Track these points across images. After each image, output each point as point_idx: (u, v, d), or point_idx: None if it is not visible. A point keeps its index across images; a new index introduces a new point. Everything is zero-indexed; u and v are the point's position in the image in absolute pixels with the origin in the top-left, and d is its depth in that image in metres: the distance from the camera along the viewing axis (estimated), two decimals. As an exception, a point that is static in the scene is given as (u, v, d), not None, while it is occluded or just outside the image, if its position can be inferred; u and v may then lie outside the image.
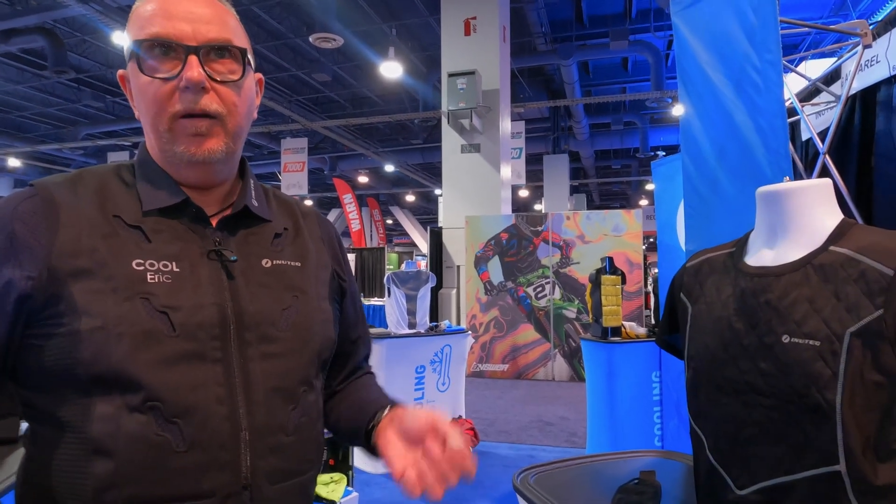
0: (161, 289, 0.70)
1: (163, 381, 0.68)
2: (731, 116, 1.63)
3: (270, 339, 0.76)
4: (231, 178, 0.83)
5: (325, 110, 14.10)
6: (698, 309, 1.06)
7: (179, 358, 0.69)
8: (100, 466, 0.66)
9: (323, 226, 0.94)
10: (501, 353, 7.68)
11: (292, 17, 9.40)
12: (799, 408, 0.85)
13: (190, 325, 0.70)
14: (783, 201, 0.97)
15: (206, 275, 0.74)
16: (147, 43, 0.73)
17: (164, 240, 0.73)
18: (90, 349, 0.66)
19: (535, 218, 7.80)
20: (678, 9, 1.81)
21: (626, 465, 1.46)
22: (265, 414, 0.73)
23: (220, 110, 0.75)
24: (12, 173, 18.71)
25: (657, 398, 3.64)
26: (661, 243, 3.41)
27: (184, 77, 0.72)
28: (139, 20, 0.75)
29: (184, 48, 0.73)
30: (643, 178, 17.24)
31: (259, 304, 0.76)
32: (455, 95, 8.03)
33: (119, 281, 0.69)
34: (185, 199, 0.76)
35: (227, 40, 0.75)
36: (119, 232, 0.71)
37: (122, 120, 13.66)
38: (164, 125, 0.74)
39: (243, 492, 0.70)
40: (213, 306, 0.73)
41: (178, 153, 0.75)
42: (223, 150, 0.76)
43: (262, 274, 0.79)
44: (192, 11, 0.74)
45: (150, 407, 0.67)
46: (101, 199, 0.73)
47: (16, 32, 8.84)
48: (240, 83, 0.77)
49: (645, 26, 9.94)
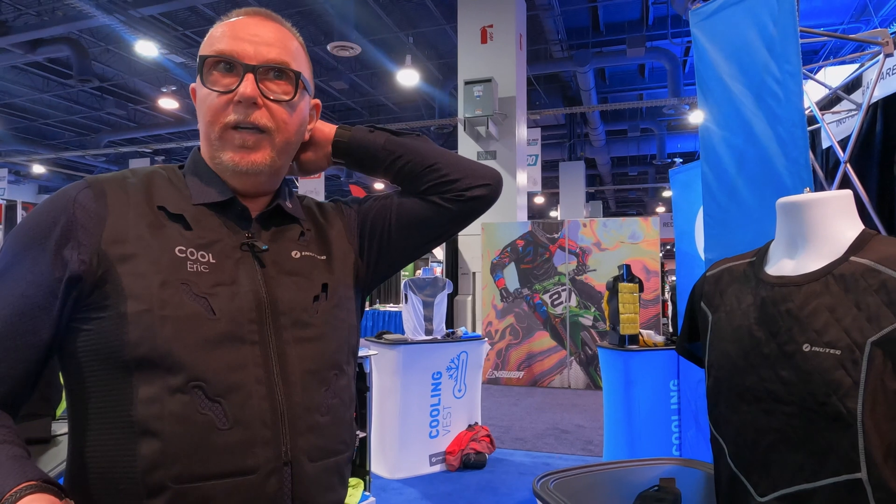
0: (200, 277, 0.74)
1: (205, 363, 0.71)
2: (750, 126, 1.64)
3: (303, 324, 0.80)
4: (273, 191, 0.88)
5: (343, 118, 14.23)
6: (719, 317, 1.07)
7: (220, 340, 0.73)
8: (146, 447, 0.69)
9: (336, 210, 0.97)
10: (517, 360, 7.67)
11: (311, 26, 9.53)
12: (820, 415, 0.86)
13: (229, 310, 0.74)
14: (804, 212, 0.98)
15: (241, 264, 0.78)
16: (212, 59, 0.79)
17: (202, 230, 0.78)
18: (136, 331, 0.70)
19: (552, 225, 7.80)
20: (697, 19, 1.83)
21: (646, 473, 1.47)
22: (301, 394, 0.77)
23: (269, 125, 0.80)
24: (37, 179, 19.13)
25: (675, 407, 3.62)
26: (678, 251, 3.40)
27: (238, 92, 0.77)
28: (211, 39, 0.81)
29: (243, 66, 0.78)
30: (660, 185, 17.14)
31: (291, 292, 0.81)
32: (471, 103, 8.07)
33: (163, 266, 0.73)
34: (232, 197, 0.81)
35: (284, 63, 0.81)
36: (163, 221, 0.76)
37: (143, 127, 13.91)
38: (215, 133, 0.79)
39: (284, 468, 0.73)
40: (249, 292, 0.77)
41: (224, 161, 0.80)
42: (268, 163, 0.81)
43: (291, 264, 0.83)
44: (258, 34, 0.80)
45: (194, 387, 0.70)
46: (147, 191, 0.78)
47: (42, 42, 9.07)
48: (292, 103, 0.82)
49: (662, 33, 9.92)
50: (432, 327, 4.48)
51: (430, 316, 4.47)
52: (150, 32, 8.61)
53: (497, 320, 7.78)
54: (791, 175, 1.50)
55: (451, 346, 4.36)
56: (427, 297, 4.45)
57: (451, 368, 4.33)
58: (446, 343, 4.36)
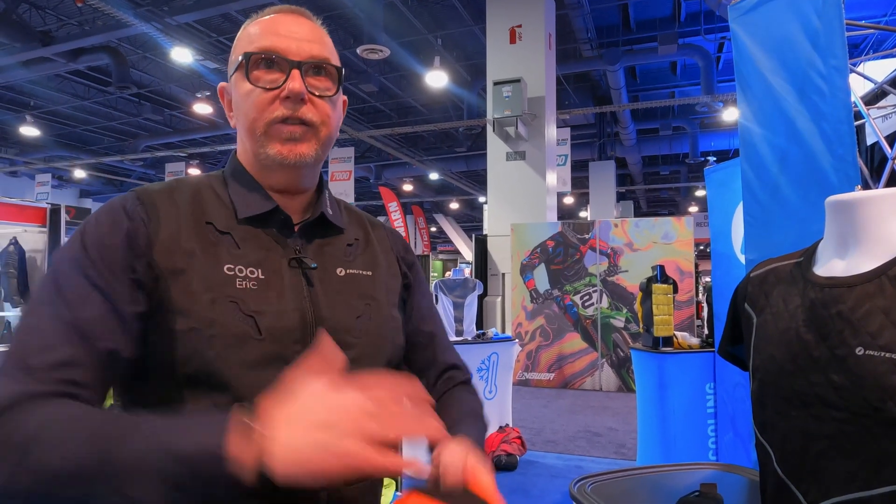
0: (248, 294, 0.74)
1: (250, 383, 0.71)
2: (793, 123, 1.59)
3: (347, 345, 0.78)
4: (314, 187, 0.87)
5: (371, 120, 14.35)
6: (764, 319, 1.04)
7: (265, 361, 0.72)
8: None
9: (392, 236, 0.97)
10: (547, 362, 7.61)
11: (340, 30, 9.63)
12: (875, 422, 0.82)
13: (275, 330, 0.74)
14: (855, 211, 0.94)
15: (289, 282, 0.78)
16: (256, 55, 0.79)
17: (251, 247, 0.78)
18: (185, 349, 0.70)
19: (582, 225, 7.72)
20: (737, 14, 1.78)
21: (686, 478, 1.44)
22: None
23: (315, 120, 0.80)
24: (78, 184, 19.77)
25: (711, 411, 3.54)
26: (714, 252, 3.33)
27: (287, 88, 0.78)
28: (248, 37, 0.82)
29: (288, 62, 0.79)
30: (693, 184, 16.81)
31: (336, 311, 0.80)
32: (500, 103, 8.05)
33: (212, 283, 0.72)
34: (275, 206, 0.81)
35: (326, 59, 0.82)
36: (211, 238, 0.76)
37: (178, 132, 14.26)
38: (261, 129, 0.79)
39: (321, 492, 0.73)
40: (296, 312, 0.76)
41: (270, 155, 0.79)
42: (313, 155, 0.81)
43: (337, 282, 0.82)
44: (297, 31, 0.81)
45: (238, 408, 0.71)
46: (195, 206, 0.78)
47: (83, 51, 9.37)
48: (334, 99, 0.83)
49: (695, 29, 9.73)
50: (462, 328, 4.48)
51: (461, 317, 4.47)
52: (186, 39, 8.82)
53: (527, 321, 7.73)
54: (837, 173, 1.45)
55: (481, 347, 4.35)
56: (457, 298, 4.45)
57: (481, 370, 4.32)
58: (477, 344, 4.35)
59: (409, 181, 18.21)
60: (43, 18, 9.21)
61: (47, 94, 12.21)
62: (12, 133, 14.18)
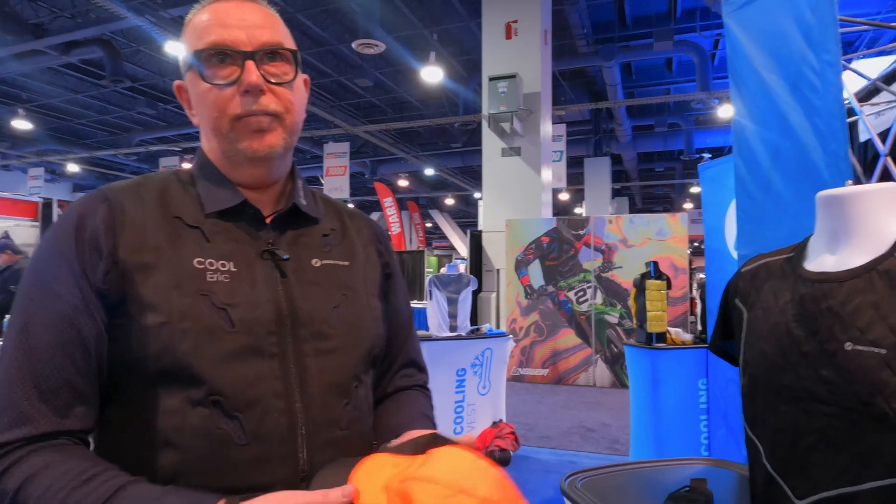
0: (219, 287, 0.73)
1: (223, 376, 0.70)
2: (786, 118, 1.59)
3: (324, 335, 0.78)
4: (284, 177, 0.86)
5: (367, 115, 14.30)
6: (754, 315, 1.04)
7: (238, 353, 0.71)
8: (166, 458, 0.69)
9: (370, 227, 0.96)
10: (541, 358, 7.62)
11: (336, 24, 9.58)
12: (863, 416, 0.82)
13: (248, 321, 0.73)
14: (846, 206, 0.94)
15: (261, 273, 0.77)
16: (206, 52, 0.76)
17: (221, 240, 0.77)
18: (157, 344, 0.69)
19: (577, 221, 7.72)
20: (731, 9, 1.78)
21: (676, 473, 1.44)
22: (320, 408, 0.75)
23: (278, 109, 0.78)
24: (72, 178, 19.65)
25: (704, 406, 3.55)
26: (708, 248, 3.33)
27: (244, 82, 0.75)
28: (195, 31, 0.79)
29: (241, 54, 0.76)
30: (688, 181, 16.84)
31: (311, 302, 0.79)
32: (496, 99, 8.03)
33: (182, 277, 0.71)
34: (243, 200, 0.79)
35: (278, 43, 0.79)
36: (180, 232, 0.75)
37: (173, 126, 14.18)
38: (226, 127, 0.77)
39: (301, 484, 0.72)
40: (269, 303, 0.75)
41: (240, 150, 0.78)
42: (282, 144, 0.79)
43: (312, 273, 0.81)
44: (244, 18, 0.78)
45: (213, 401, 0.69)
46: (162, 201, 0.77)
47: (76, 44, 9.30)
48: (293, 83, 0.80)
49: (690, 26, 9.73)
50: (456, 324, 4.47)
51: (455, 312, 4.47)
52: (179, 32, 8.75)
53: (521, 317, 7.74)
54: (829, 168, 1.45)
55: (475, 343, 4.35)
56: (451, 294, 4.45)
57: (475, 365, 4.32)
58: (471, 340, 4.35)
59: (405, 177, 18.18)
60: (35, 11, 9.12)
61: (40, 88, 12.11)
62: (5, 126, 14.06)
